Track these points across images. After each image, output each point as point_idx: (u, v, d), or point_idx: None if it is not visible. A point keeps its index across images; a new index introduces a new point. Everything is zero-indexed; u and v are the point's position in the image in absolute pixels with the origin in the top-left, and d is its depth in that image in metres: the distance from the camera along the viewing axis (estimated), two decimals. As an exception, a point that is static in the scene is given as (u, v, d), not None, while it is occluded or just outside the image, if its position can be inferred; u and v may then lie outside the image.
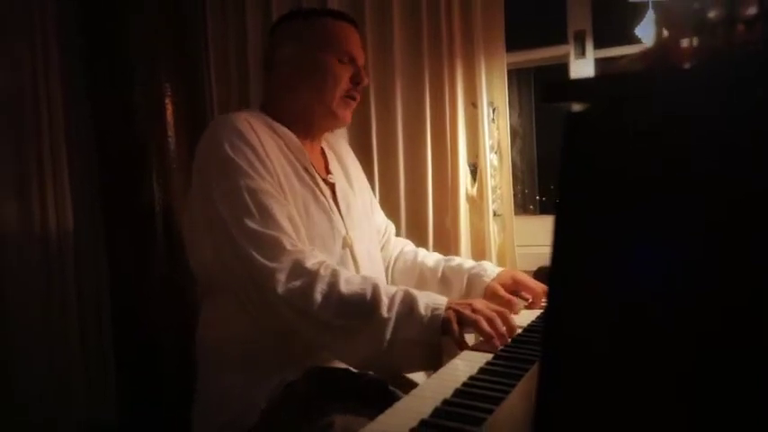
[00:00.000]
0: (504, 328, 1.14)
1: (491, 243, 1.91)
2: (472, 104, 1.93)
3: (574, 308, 0.46)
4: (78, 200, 2.03)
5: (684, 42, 0.48)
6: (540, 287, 1.49)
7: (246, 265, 1.20)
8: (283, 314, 1.19)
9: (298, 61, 1.41)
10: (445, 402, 0.84)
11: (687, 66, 0.45)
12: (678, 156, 0.42)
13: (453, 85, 1.91)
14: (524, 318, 1.33)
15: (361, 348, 1.16)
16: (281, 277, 1.17)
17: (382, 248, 1.66)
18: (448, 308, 1.16)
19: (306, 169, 1.39)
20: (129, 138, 1.98)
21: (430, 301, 1.17)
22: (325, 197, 1.40)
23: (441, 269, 1.56)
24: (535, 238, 2.06)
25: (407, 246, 1.71)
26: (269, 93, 1.50)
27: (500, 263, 1.92)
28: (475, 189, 1.95)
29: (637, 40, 1.73)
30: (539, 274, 1.80)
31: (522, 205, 2.22)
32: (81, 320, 2.05)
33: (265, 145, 1.31)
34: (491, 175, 1.93)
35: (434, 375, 1.01)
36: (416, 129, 1.96)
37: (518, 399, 0.80)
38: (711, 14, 0.57)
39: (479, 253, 1.94)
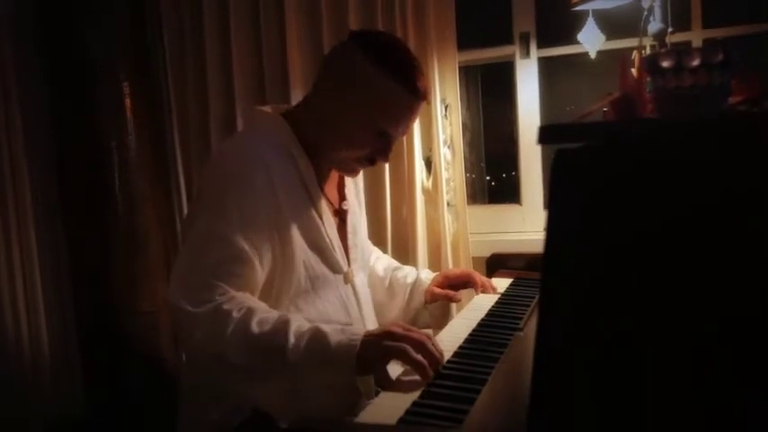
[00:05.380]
0: (438, 353, 1.02)
1: (446, 232, 2.04)
2: (426, 102, 2.03)
3: (564, 316, 0.58)
4: (41, 198, 2.04)
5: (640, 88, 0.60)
6: (477, 275, 1.57)
7: (174, 308, 1.17)
8: (203, 359, 1.19)
9: (340, 103, 1.26)
10: (432, 384, 0.95)
11: (653, 116, 0.57)
12: (651, 187, 0.55)
13: (408, 83, 2.00)
14: (485, 300, 1.45)
15: (273, 392, 1.15)
16: (199, 324, 1.12)
17: None
18: (363, 342, 1.04)
19: (314, 204, 1.30)
20: (90, 136, 2.00)
21: (343, 338, 1.06)
22: (330, 239, 1.31)
23: (389, 279, 1.59)
24: (486, 226, 2.20)
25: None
26: (309, 101, 1.35)
27: (454, 250, 2.05)
28: (430, 182, 2.07)
29: (578, 43, 1.87)
30: (491, 261, 1.94)
31: (473, 195, 2.35)
32: (47, 315, 2.06)
33: (275, 179, 1.22)
34: (445, 168, 2.05)
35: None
36: (374, 125, 2.04)
37: (501, 379, 0.92)
38: (664, 64, 0.71)
39: (435, 242, 2.06)
